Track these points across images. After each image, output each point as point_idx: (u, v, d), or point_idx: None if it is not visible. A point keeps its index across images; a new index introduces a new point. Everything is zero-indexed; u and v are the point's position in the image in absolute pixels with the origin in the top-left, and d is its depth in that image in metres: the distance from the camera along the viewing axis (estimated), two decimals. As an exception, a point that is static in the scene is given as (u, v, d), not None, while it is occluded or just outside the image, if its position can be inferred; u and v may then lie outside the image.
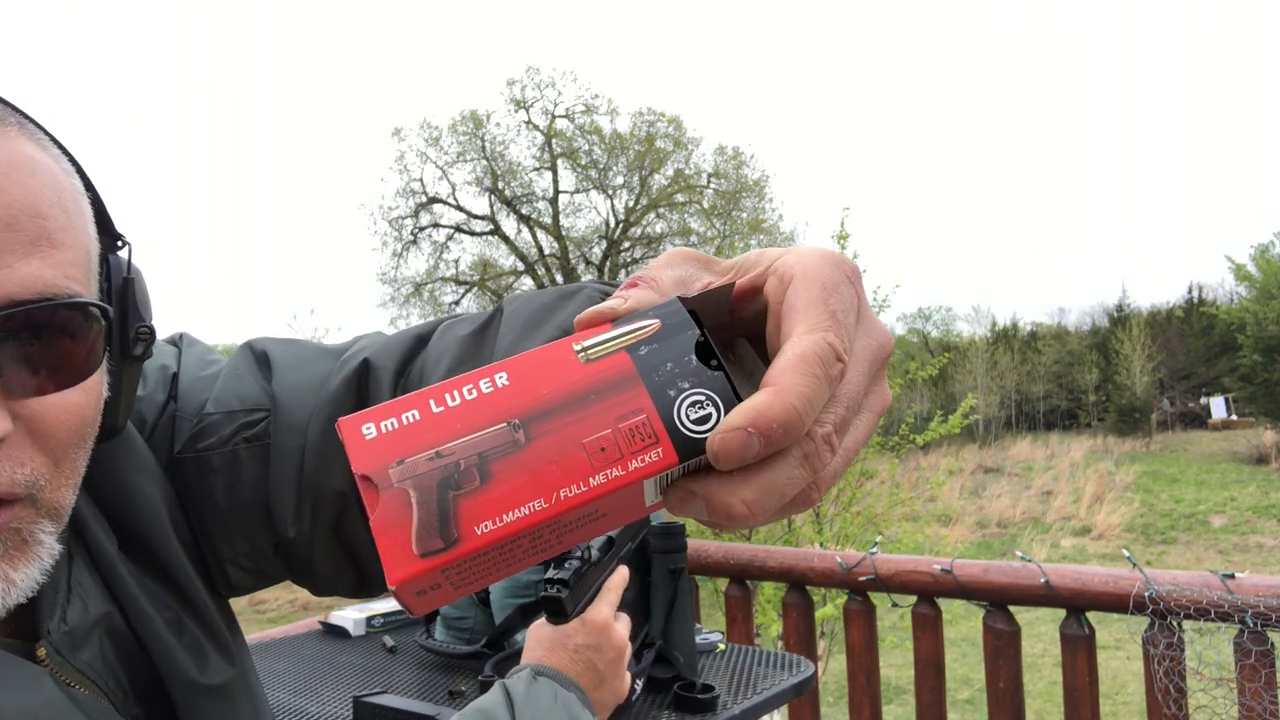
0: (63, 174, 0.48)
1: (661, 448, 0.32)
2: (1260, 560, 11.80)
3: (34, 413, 0.45)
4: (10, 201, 0.43)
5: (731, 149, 26.59)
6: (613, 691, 0.86)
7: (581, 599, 0.86)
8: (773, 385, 0.30)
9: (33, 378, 0.45)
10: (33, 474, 0.45)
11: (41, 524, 0.47)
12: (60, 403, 0.46)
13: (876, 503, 7.30)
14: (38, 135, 0.49)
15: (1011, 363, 31.30)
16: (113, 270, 0.53)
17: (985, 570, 1.89)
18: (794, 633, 2.18)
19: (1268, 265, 23.56)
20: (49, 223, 0.45)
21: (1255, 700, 1.59)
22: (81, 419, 0.48)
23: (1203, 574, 1.67)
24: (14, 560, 0.45)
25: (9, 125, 0.46)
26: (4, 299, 0.42)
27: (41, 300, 0.44)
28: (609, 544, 0.94)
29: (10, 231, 0.43)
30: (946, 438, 7.05)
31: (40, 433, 0.45)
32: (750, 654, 1.41)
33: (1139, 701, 6.60)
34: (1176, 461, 20.70)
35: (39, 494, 0.46)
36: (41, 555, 0.47)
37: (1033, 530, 14.60)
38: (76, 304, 0.45)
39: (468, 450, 0.32)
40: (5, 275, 0.42)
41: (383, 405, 0.33)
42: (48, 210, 0.45)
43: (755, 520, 0.32)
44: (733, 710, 1.14)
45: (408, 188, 25.85)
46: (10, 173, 0.44)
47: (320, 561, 0.62)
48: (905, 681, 7.32)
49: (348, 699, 1.17)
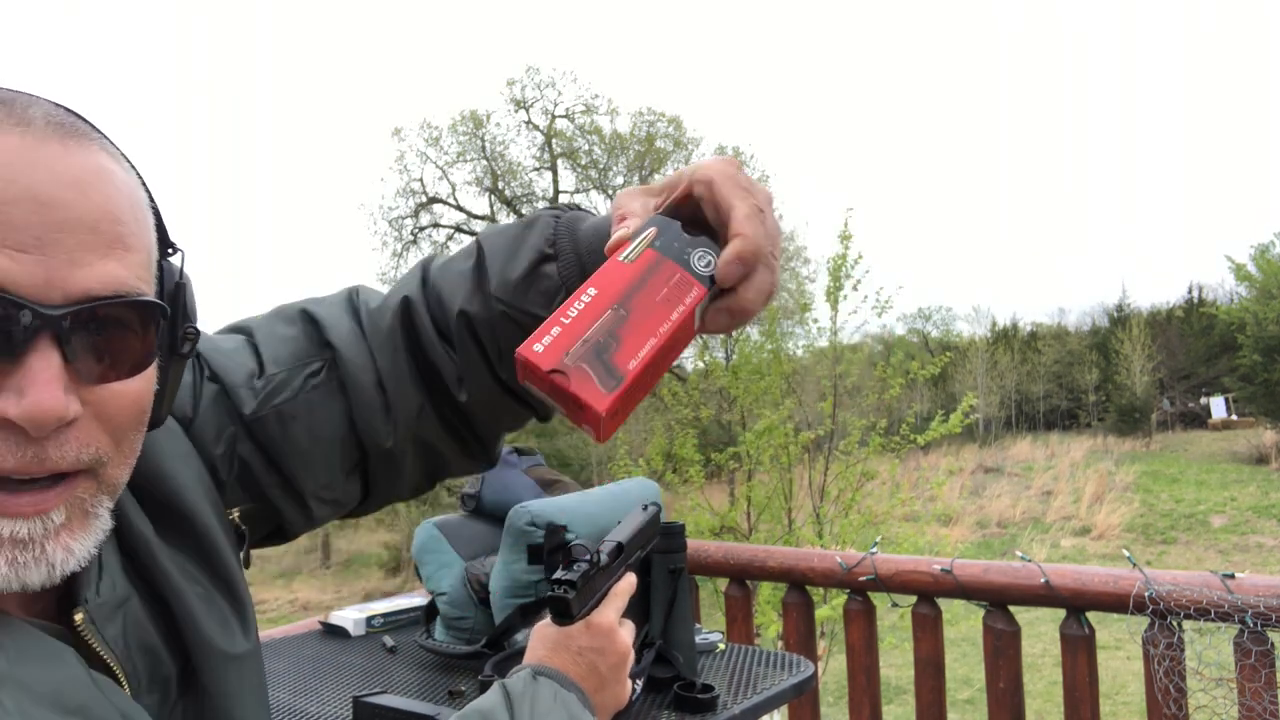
0: (135, 186, 0.54)
1: (695, 288, 0.57)
2: (1260, 560, 11.80)
3: (100, 398, 0.50)
4: (93, 207, 0.49)
5: (732, 149, 26.59)
6: (613, 696, 0.86)
7: (588, 601, 0.85)
8: (739, 234, 0.57)
9: (100, 366, 0.49)
10: (97, 452, 0.50)
11: (101, 498, 0.52)
12: (122, 389, 0.51)
13: (877, 504, 7.30)
14: (113, 150, 0.54)
15: (1011, 363, 31.28)
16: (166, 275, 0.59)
17: (985, 570, 1.89)
18: (794, 633, 2.18)
19: (1268, 265, 23.54)
20: (124, 228, 0.50)
21: (1255, 700, 1.59)
22: (140, 405, 0.53)
23: (1203, 574, 1.67)
24: (74, 530, 0.50)
25: (92, 140, 0.52)
26: (83, 293, 0.47)
27: (115, 297, 0.49)
28: (618, 550, 0.93)
29: (92, 234, 0.48)
30: (947, 438, 7.04)
31: (104, 416, 0.50)
32: (750, 654, 1.41)
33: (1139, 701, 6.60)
34: (1176, 461, 20.70)
35: (101, 470, 0.51)
36: (98, 528, 0.52)
37: (1033, 530, 14.59)
38: (143, 302, 0.51)
39: (600, 332, 0.54)
40: (86, 273, 0.48)
41: (536, 330, 0.54)
42: (124, 217, 0.51)
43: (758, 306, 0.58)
44: (733, 710, 1.14)
45: (408, 188, 25.84)
46: (94, 181, 0.49)
47: (409, 462, 0.75)
48: (905, 681, 7.32)
49: (348, 699, 1.17)
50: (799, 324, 8.59)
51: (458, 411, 0.75)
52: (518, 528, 1.32)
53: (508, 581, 1.34)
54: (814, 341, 8.07)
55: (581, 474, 18.56)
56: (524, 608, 1.33)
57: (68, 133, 0.50)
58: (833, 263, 7.33)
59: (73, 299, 0.47)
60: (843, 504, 6.98)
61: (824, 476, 7.15)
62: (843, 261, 7.30)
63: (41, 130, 0.49)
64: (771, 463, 6.96)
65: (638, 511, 1.06)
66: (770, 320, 7.58)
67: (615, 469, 7.71)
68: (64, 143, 0.49)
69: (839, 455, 7.16)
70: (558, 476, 1.64)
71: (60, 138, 0.50)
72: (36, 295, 0.46)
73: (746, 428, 7.32)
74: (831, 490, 7.07)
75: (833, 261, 7.33)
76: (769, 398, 7.28)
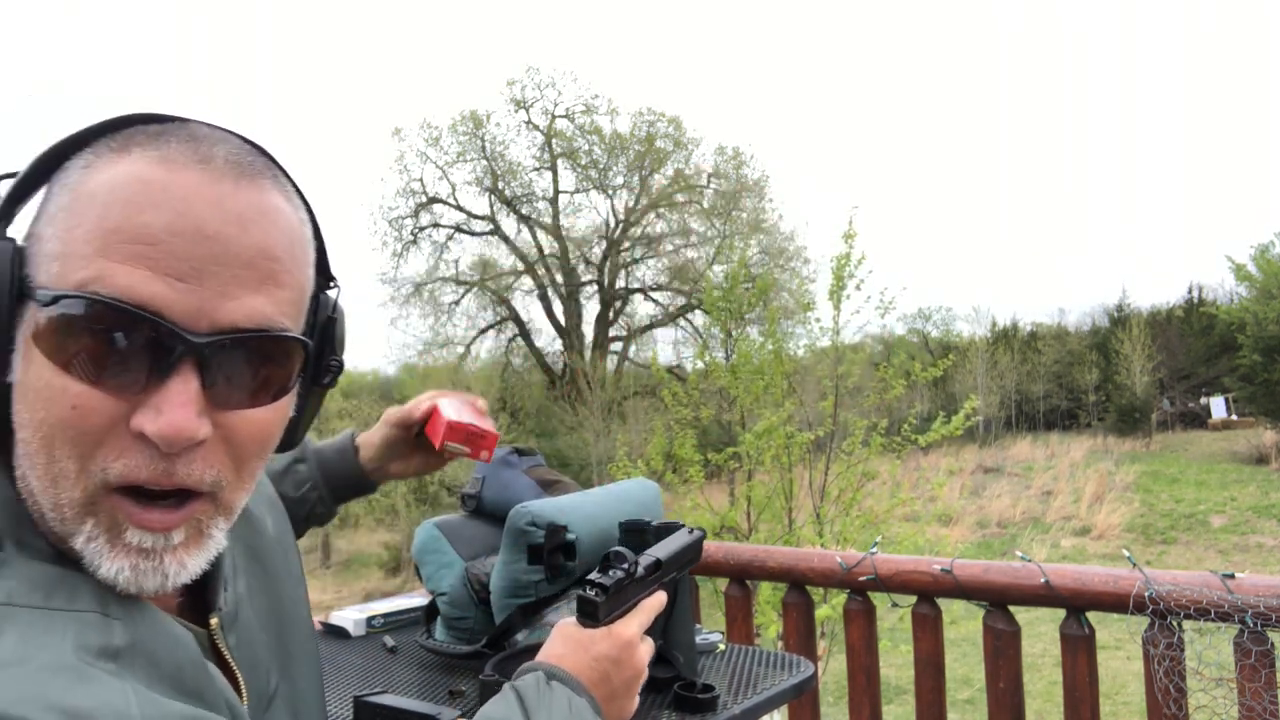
0: (299, 223, 0.58)
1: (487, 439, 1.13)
2: (1260, 560, 11.80)
3: (230, 423, 0.53)
4: (251, 244, 0.52)
5: (731, 149, 26.58)
6: (620, 710, 0.85)
7: (616, 609, 0.86)
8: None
9: (236, 394, 0.53)
10: (219, 475, 0.53)
11: (217, 520, 0.55)
12: (252, 417, 0.55)
13: (877, 503, 7.30)
14: (286, 187, 0.58)
15: (1011, 363, 31.25)
16: (321, 306, 0.63)
17: (985, 570, 1.88)
18: (794, 633, 2.18)
19: (1268, 265, 23.53)
20: (278, 265, 0.54)
21: (1255, 700, 1.59)
22: (266, 434, 0.57)
23: (1203, 574, 1.67)
24: (190, 548, 0.54)
25: (265, 178, 0.56)
26: (229, 325, 0.51)
27: (258, 331, 0.53)
28: (656, 565, 0.93)
29: (247, 269, 0.52)
30: (947, 438, 7.04)
31: (232, 440, 0.54)
32: (750, 654, 1.41)
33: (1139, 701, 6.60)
34: (1176, 461, 20.70)
35: (220, 493, 0.54)
36: (211, 548, 0.56)
37: (1033, 530, 14.59)
38: (285, 338, 0.55)
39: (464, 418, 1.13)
40: (234, 306, 0.51)
41: (438, 422, 1.12)
42: (280, 255, 0.54)
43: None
44: (733, 710, 1.14)
45: (408, 188, 25.85)
46: (258, 219, 0.53)
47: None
48: (905, 681, 7.32)
49: (348, 699, 1.17)
50: (799, 324, 8.59)
51: None
52: (518, 528, 1.32)
53: (508, 581, 1.34)
54: (815, 341, 8.06)
55: (582, 474, 18.56)
56: (524, 608, 1.33)
57: (242, 172, 0.54)
58: (836, 262, 7.32)
59: (218, 329, 0.51)
60: (843, 504, 6.98)
61: (825, 477, 7.15)
62: (846, 260, 7.29)
63: (219, 168, 0.53)
64: (773, 463, 6.96)
65: (682, 533, 1.06)
66: (771, 320, 7.58)
67: (614, 469, 7.71)
68: (237, 181, 0.53)
69: (841, 455, 7.16)
70: (558, 477, 1.64)
71: (234, 177, 0.53)
72: (186, 322, 0.50)
73: (746, 428, 7.32)
74: (832, 490, 7.07)
75: (836, 260, 7.32)
76: (770, 397, 7.28)
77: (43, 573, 0.50)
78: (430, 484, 19.51)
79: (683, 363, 25.12)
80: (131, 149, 0.53)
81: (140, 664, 0.49)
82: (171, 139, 0.53)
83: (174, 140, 0.53)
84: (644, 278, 27.51)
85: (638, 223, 27.14)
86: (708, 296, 8.23)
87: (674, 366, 24.38)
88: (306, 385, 0.63)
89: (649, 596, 0.91)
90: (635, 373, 25.08)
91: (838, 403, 7.39)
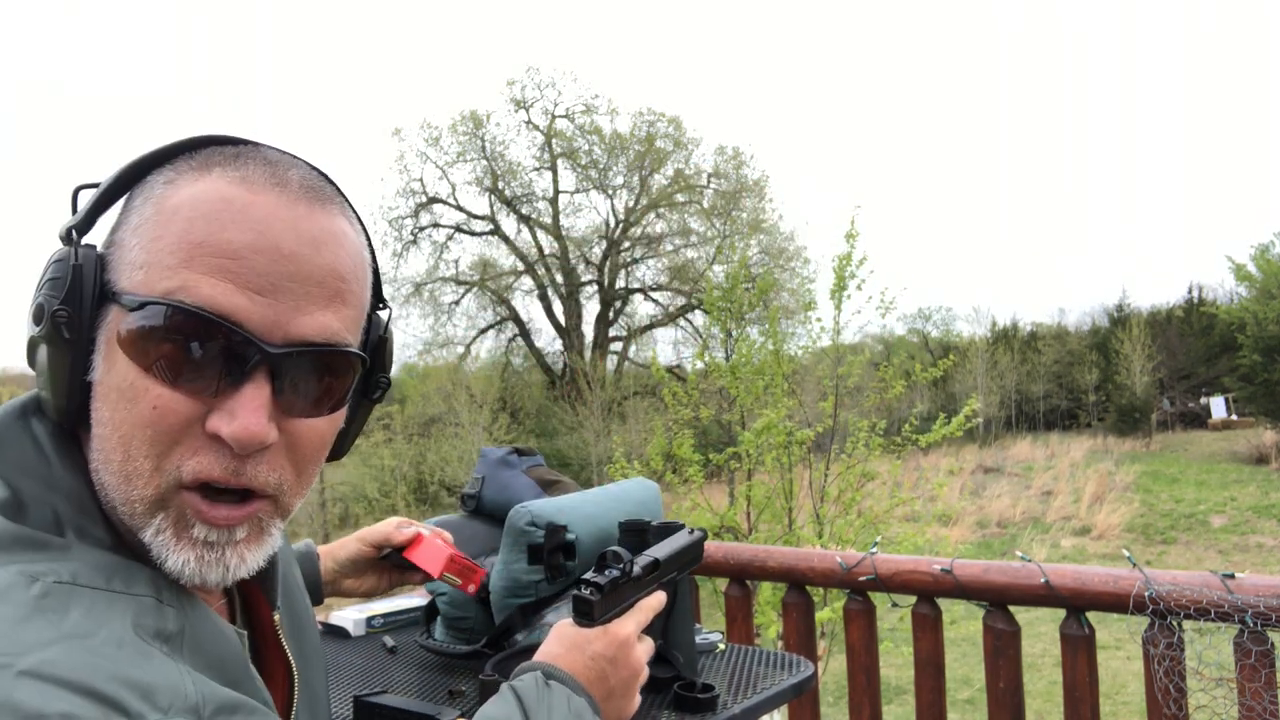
0: (361, 247, 0.62)
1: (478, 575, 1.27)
2: (1260, 560, 11.80)
3: (295, 430, 0.57)
4: (323, 264, 0.56)
5: (731, 149, 26.59)
6: (618, 709, 0.86)
7: (612, 608, 0.86)
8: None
9: (301, 402, 0.57)
10: (280, 479, 0.57)
11: (276, 520, 0.59)
12: (313, 425, 0.59)
13: (877, 504, 7.30)
14: (350, 214, 0.62)
15: (1011, 363, 31.24)
16: (374, 326, 0.67)
17: (985, 570, 1.88)
18: (794, 633, 2.18)
19: (1268, 265, 23.52)
20: (345, 285, 0.58)
21: (1255, 700, 1.58)
22: (324, 441, 0.61)
23: (1203, 574, 1.67)
24: (250, 544, 0.57)
25: (334, 204, 0.60)
26: (300, 338, 0.55)
27: (327, 345, 0.57)
28: (654, 565, 0.93)
29: (319, 287, 0.56)
30: (947, 438, 7.03)
31: (294, 446, 0.58)
32: (750, 654, 1.41)
33: (1139, 701, 6.60)
34: (1176, 461, 20.69)
35: (281, 496, 0.58)
36: (269, 544, 0.59)
37: (1033, 530, 14.59)
38: (349, 353, 0.59)
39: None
40: (306, 320, 0.55)
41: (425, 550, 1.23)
42: (347, 275, 0.58)
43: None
44: (732, 710, 1.14)
45: (408, 188, 25.84)
46: (329, 242, 0.57)
47: None
48: (905, 681, 7.32)
49: (348, 699, 1.17)
50: (800, 324, 8.60)
51: None
52: (518, 528, 1.32)
53: (508, 581, 1.34)
54: (815, 341, 8.05)
55: (581, 474, 18.56)
56: (524, 608, 1.33)
57: (315, 197, 0.58)
58: (838, 261, 7.31)
59: (291, 341, 0.55)
60: (843, 504, 6.98)
61: (825, 477, 7.15)
62: (848, 260, 7.28)
63: (295, 192, 0.57)
64: (774, 463, 6.95)
65: (682, 534, 1.06)
66: (771, 320, 7.58)
67: (613, 470, 7.70)
68: (310, 205, 0.57)
69: (841, 456, 7.16)
70: (558, 477, 1.64)
71: (309, 200, 0.57)
72: (262, 334, 0.54)
73: (746, 428, 7.31)
74: (832, 490, 7.07)
75: (838, 260, 7.31)
76: (770, 397, 7.27)
77: (103, 558, 0.52)
78: (430, 484, 19.52)
79: (683, 363, 25.13)
80: (212, 168, 0.56)
81: (189, 650, 0.52)
82: (249, 161, 0.57)
83: (251, 163, 0.57)
84: (644, 278, 27.53)
85: (638, 223, 27.14)
86: (708, 297, 8.23)
87: (674, 366, 24.40)
88: (357, 399, 0.67)
89: (647, 596, 0.91)
90: (635, 373, 25.07)
91: (838, 403, 7.39)
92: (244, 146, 0.59)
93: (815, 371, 9.13)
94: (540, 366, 27.35)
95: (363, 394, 0.67)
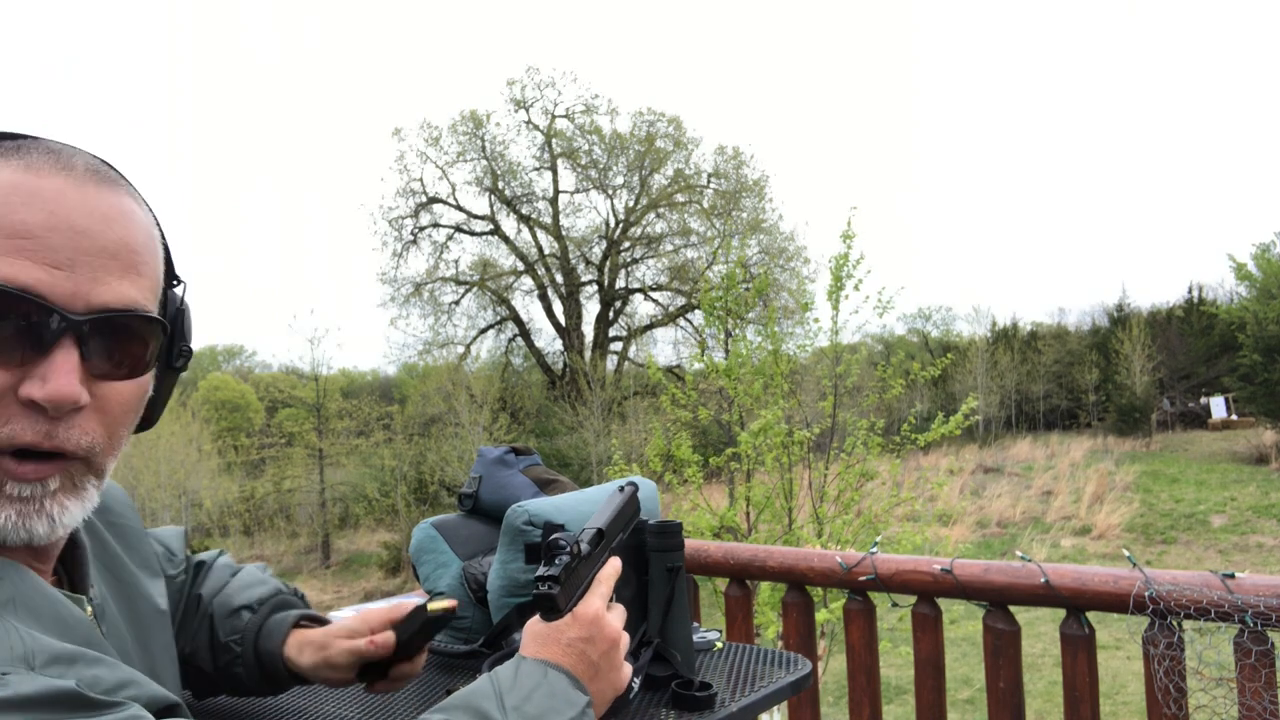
0: (150, 224, 0.67)
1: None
2: (1260, 560, 11.80)
3: (104, 393, 0.61)
4: (115, 238, 0.61)
5: (731, 149, 26.58)
6: (610, 683, 0.86)
7: (574, 594, 0.86)
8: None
9: (108, 366, 0.61)
10: (92, 441, 0.61)
11: (88, 478, 0.62)
12: (121, 389, 0.62)
13: (877, 503, 7.30)
14: (136, 195, 0.67)
15: (1011, 363, 31.23)
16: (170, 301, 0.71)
17: (985, 570, 1.88)
18: (794, 632, 2.17)
19: (1268, 264, 23.50)
20: (138, 257, 0.63)
21: (1255, 700, 1.58)
22: (133, 404, 0.64)
23: (1203, 574, 1.67)
24: (67, 495, 0.61)
25: (120, 185, 0.64)
26: (100, 305, 0.59)
27: (126, 311, 0.61)
28: (599, 536, 0.93)
29: (113, 259, 0.60)
30: (947, 438, 7.03)
31: (105, 409, 0.61)
32: (748, 652, 1.41)
33: (1139, 701, 6.60)
34: (1176, 461, 20.68)
35: (93, 458, 0.61)
36: (86, 500, 0.62)
37: (1033, 530, 14.59)
38: (149, 318, 0.63)
39: None
40: (104, 289, 0.59)
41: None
42: (139, 248, 0.63)
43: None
44: (730, 708, 1.13)
45: (408, 188, 25.84)
46: (118, 218, 0.62)
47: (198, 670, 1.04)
48: (905, 681, 7.31)
49: (349, 699, 1.17)
50: (799, 324, 8.59)
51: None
52: (515, 527, 1.32)
53: (505, 581, 1.34)
54: (813, 341, 8.05)
55: (581, 474, 18.56)
56: (521, 607, 1.33)
57: (101, 179, 0.62)
58: (835, 262, 7.31)
59: (93, 309, 0.59)
60: (842, 504, 6.97)
61: (824, 477, 7.14)
62: (845, 261, 7.29)
63: (81, 175, 0.61)
64: (773, 463, 6.95)
65: (615, 494, 1.06)
66: (769, 320, 7.58)
67: (611, 472, 7.70)
68: (99, 185, 0.62)
69: (842, 456, 7.16)
70: (555, 476, 1.64)
71: (96, 182, 0.61)
72: (65, 304, 0.57)
73: (745, 428, 7.31)
74: (831, 491, 7.06)
75: (835, 261, 7.32)
76: (770, 397, 7.27)
77: None
78: (430, 484, 19.51)
79: (682, 363, 25.14)
80: None
81: (23, 613, 0.54)
82: (32, 150, 0.61)
83: (34, 152, 0.61)
84: (644, 278, 27.52)
85: (638, 223, 27.14)
86: (704, 297, 8.23)
87: (674, 367, 24.39)
88: (162, 368, 0.70)
89: (603, 567, 0.92)
90: (635, 373, 25.06)
91: (837, 403, 7.39)
92: (24, 139, 0.63)
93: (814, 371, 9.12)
94: (540, 366, 27.36)
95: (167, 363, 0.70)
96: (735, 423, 7.79)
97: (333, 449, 20.65)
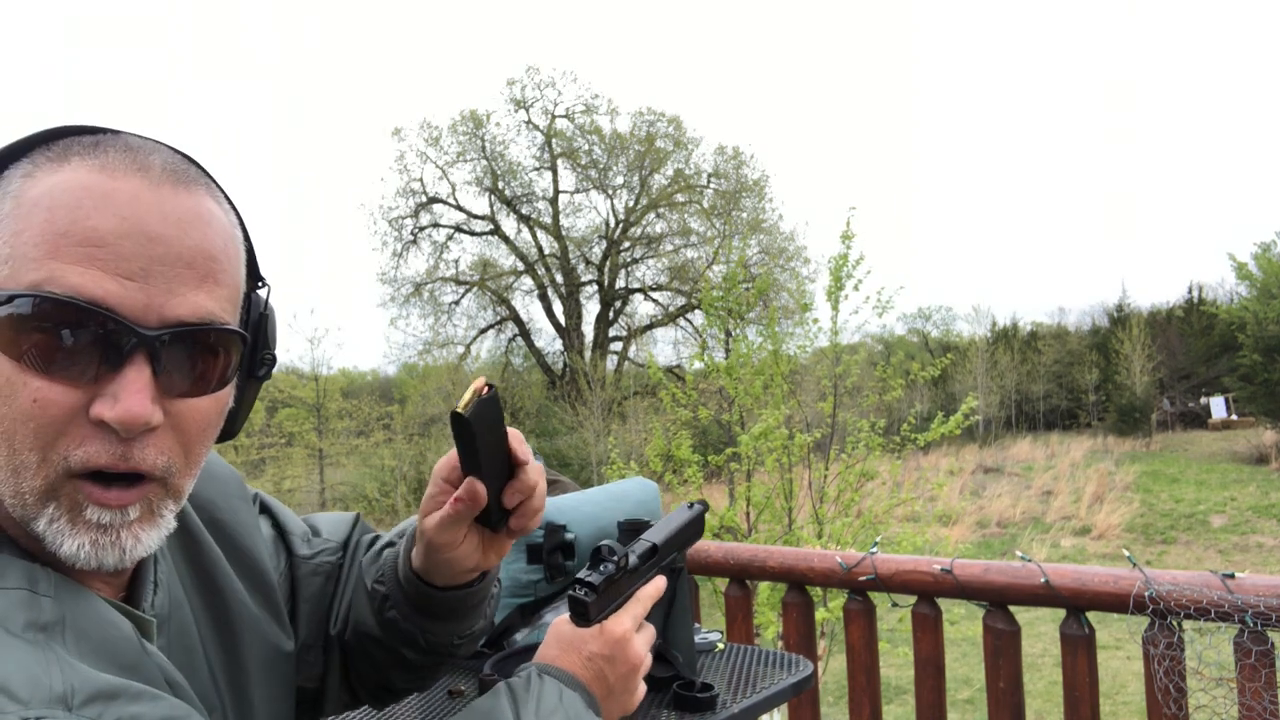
0: (232, 227, 0.62)
1: None
2: (1260, 560, 11.80)
3: (179, 410, 0.58)
4: (192, 245, 0.57)
5: (731, 149, 26.56)
6: (620, 705, 0.85)
7: (609, 605, 0.83)
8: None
9: (183, 383, 0.57)
10: (169, 461, 0.57)
11: (167, 503, 0.59)
12: (197, 405, 0.59)
13: (877, 503, 7.29)
14: (218, 195, 0.62)
15: (1011, 363, 31.22)
16: (253, 305, 0.67)
17: (985, 570, 1.88)
18: (794, 632, 2.17)
19: (1268, 264, 23.48)
20: (216, 265, 0.58)
21: (1255, 700, 1.58)
22: (210, 421, 0.61)
23: (1203, 574, 1.67)
24: (144, 525, 0.58)
25: (199, 185, 0.60)
26: (175, 320, 0.56)
27: (202, 324, 0.57)
28: (651, 551, 0.90)
29: (189, 269, 0.56)
30: (947, 438, 7.03)
31: (180, 427, 0.58)
32: (749, 653, 1.41)
33: (1139, 701, 6.59)
34: (1176, 461, 20.67)
35: (170, 479, 0.58)
36: (163, 526, 0.59)
37: (1033, 530, 14.58)
38: (226, 330, 0.59)
39: None
40: (178, 301, 0.56)
41: None
42: (217, 255, 0.59)
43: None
44: (732, 709, 1.13)
45: (408, 188, 25.82)
46: (195, 222, 0.57)
47: (351, 659, 0.88)
48: (905, 681, 7.32)
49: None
50: (798, 324, 8.59)
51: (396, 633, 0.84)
52: (517, 527, 1.32)
53: (507, 581, 1.34)
54: (813, 341, 8.05)
55: (581, 474, 18.55)
56: (523, 607, 1.33)
57: (179, 179, 0.58)
58: (834, 262, 7.32)
59: (166, 323, 0.55)
60: (842, 504, 6.97)
61: (824, 478, 7.14)
62: (844, 261, 7.29)
63: (158, 175, 0.57)
64: (774, 464, 6.95)
65: (682, 509, 1.01)
66: (770, 320, 7.58)
67: (610, 472, 7.69)
68: (175, 188, 0.57)
69: (842, 456, 7.16)
70: (557, 476, 1.64)
71: (173, 183, 0.57)
72: (137, 318, 0.54)
73: (745, 428, 7.31)
74: (831, 491, 7.06)
75: (834, 261, 7.32)
76: (770, 397, 7.27)
77: None
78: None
79: (682, 363, 25.13)
80: (70, 158, 0.56)
81: (71, 637, 0.51)
82: (109, 148, 0.57)
83: (111, 150, 0.57)
84: (644, 278, 27.51)
85: (638, 223, 27.13)
86: (706, 297, 8.23)
87: (674, 366, 24.39)
88: (244, 378, 0.67)
89: (646, 584, 0.89)
90: (635, 373, 25.06)
91: (836, 403, 7.39)
92: (103, 135, 0.59)
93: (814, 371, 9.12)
94: (540, 366, 27.34)
95: (248, 372, 0.68)
96: (735, 423, 7.79)
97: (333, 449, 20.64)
